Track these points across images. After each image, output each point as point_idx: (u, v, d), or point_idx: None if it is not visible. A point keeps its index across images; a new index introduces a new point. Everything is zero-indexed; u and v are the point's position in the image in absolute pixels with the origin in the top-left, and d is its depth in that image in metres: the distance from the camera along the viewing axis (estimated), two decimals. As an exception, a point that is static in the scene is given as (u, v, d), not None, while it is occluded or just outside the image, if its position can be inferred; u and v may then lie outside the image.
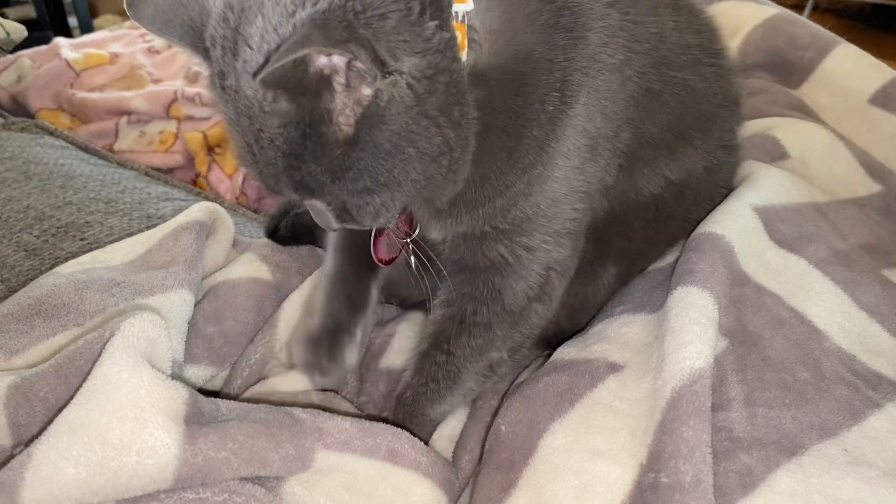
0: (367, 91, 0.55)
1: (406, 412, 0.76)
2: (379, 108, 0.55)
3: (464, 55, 0.60)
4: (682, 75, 0.75)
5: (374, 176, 0.58)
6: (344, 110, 0.55)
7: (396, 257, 0.82)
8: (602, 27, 0.67)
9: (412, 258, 0.78)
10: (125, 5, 0.61)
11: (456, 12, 0.59)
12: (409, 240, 0.78)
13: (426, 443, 0.73)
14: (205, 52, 0.59)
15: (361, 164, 0.57)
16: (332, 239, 0.87)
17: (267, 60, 0.53)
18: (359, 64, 0.52)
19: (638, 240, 0.82)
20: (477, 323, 0.74)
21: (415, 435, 0.71)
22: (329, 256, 0.87)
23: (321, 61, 0.52)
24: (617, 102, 0.69)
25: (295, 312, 0.86)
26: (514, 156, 0.66)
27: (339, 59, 0.53)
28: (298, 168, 0.57)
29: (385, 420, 0.71)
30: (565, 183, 0.68)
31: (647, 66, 0.71)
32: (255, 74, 0.54)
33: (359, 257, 0.85)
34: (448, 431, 0.77)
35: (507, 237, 0.70)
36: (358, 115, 0.56)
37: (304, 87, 0.53)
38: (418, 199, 0.64)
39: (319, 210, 0.64)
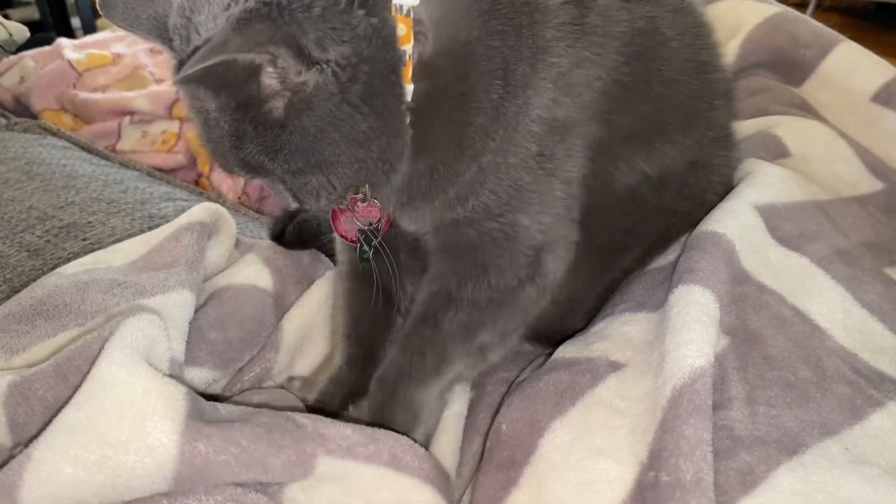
0: (296, 79, 0.57)
1: (386, 393, 0.73)
2: (306, 94, 0.58)
3: (408, 48, 0.62)
4: (658, 67, 0.75)
5: (304, 157, 0.61)
6: (274, 97, 0.58)
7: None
8: (557, 23, 0.67)
9: (364, 246, 0.79)
10: (97, 5, 0.64)
11: (400, 6, 0.61)
12: (368, 228, 0.78)
13: (408, 432, 0.70)
14: (170, 43, 0.62)
15: (292, 145, 0.60)
16: (342, 312, 0.87)
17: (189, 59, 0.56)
18: (281, 62, 0.55)
19: (617, 232, 0.81)
20: (463, 298, 0.73)
21: (394, 421, 0.70)
22: (341, 350, 0.86)
23: (246, 58, 0.54)
24: (581, 97, 0.69)
25: (297, 335, 0.86)
26: (461, 145, 0.67)
27: (260, 58, 0.55)
28: (241, 148, 0.61)
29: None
30: (525, 171, 0.68)
31: (618, 63, 0.70)
32: (175, 75, 0.56)
33: (373, 314, 0.84)
34: (458, 409, 0.76)
35: (477, 223, 0.70)
36: (287, 101, 0.58)
37: (226, 84, 0.56)
38: (359, 183, 0.66)
39: (277, 188, 0.67)
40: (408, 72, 0.63)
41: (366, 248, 0.79)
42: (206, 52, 0.52)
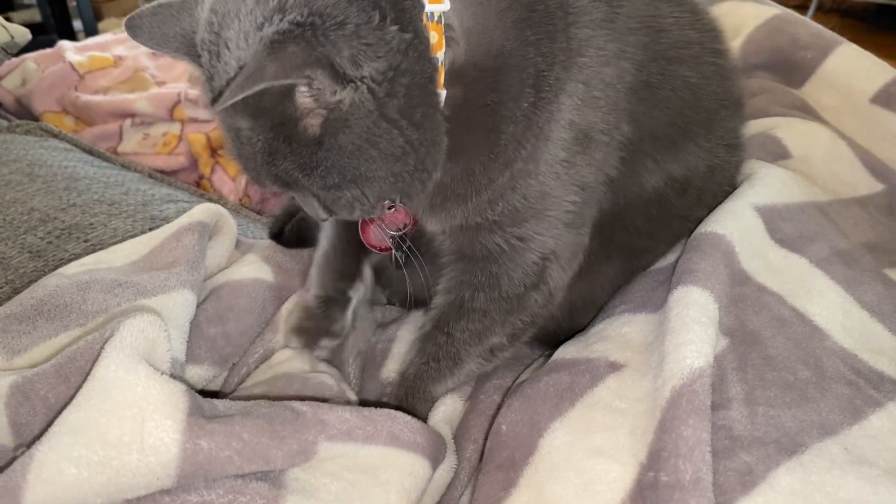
0: (331, 98, 0.57)
1: (409, 387, 0.79)
2: (342, 112, 0.58)
3: (441, 55, 0.62)
4: (683, 71, 0.75)
5: (341, 173, 0.61)
6: (309, 116, 0.58)
7: (389, 249, 0.84)
8: (589, 21, 0.67)
9: (398, 253, 0.80)
10: (124, 27, 0.65)
11: (431, 13, 0.61)
12: (398, 234, 0.79)
13: (426, 416, 0.77)
14: (198, 59, 0.62)
15: (328, 162, 0.60)
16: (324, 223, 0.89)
17: (229, 82, 0.56)
18: (317, 84, 0.56)
19: (640, 236, 0.82)
20: (475, 308, 0.76)
21: (416, 409, 0.76)
22: (322, 237, 0.90)
23: (282, 83, 0.55)
24: (612, 95, 0.69)
25: None
26: (494, 151, 0.67)
27: (296, 81, 0.55)
28: (274, 164, 0.61)
29: (385, 404, 0.73)
30: (552, 177, 0.69)
31: (646, 60, 0.71)
32: (212, 102, 0.57)
33: (349, 237, 0.87)
34: (442, 414, 0.78)
35: (501, 227, 0.72)
36: (323, 119, 0.58)
37: (263, 109, 0.57)
38: (394, 194, 0.66)
39: (308, 201, 0.67)
40: (440, 77, 0.63)
41: (398, 254, 0.80)
42: (243, 80, 0.52)
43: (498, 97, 0.65)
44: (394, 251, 0.80)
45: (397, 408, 0.71)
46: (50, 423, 0.54)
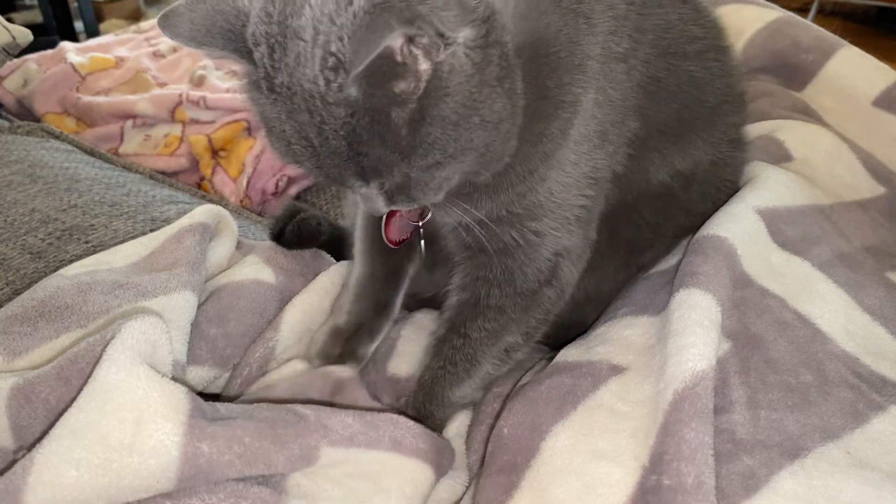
0: (425, 66, 0.55)
1: (426, 393, 0.78)
2: (441, 80, 0.56)
3: None
4: (687, 65, 0.77)
5: (443, 148, 0.58)
6: (409, 88, 0.55)
7: (407, 238, 0.84)
8: (610, 16, 0.69)
9: (423, 242, 0.81)
10: (158, 24, 0.59)
11: None
12: (420, 224, 0.80)
13: (444, 422, 0.78)
14: (248, 55, 0.58)
15: (430, 138, 0.57)
16: (360, 244, 0.89)
17: (334, 54, 0.53)
18: (424, 40, 0.53)
19: (646, 229, 0.83)
20: (490, 306, 0.76)
21: (434, 415, 0.76)
22: (358, 261, 0.89)
23: (396, 44, 0.52)
24: (623, 90, 0.70)
25: (299, 316, 0.86)
26: (541, 139, 0.67)
27: (401, 41, 0.53)
28: (366, 154, 0.57)
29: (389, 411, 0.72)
30: (575, 168, 0.70)
31: (653, 56, 0.72)
32: (346, 73, 0.53)
33: (387, 263, 0.88)
34: (456, 429, 0.78)
35: (519, 221, 0.72)
36: (420, 92, 0.56)
37: (380, 74, 0.54)
38: (480, 170, 0.64)
39: (369, 196, 0.64)
40: None
41: (420, 244, 0.81)
42: (372, 38, 0.49)
43: (547, 82, 0.66)
44: (419, 241, 0.82)
45: (413, 417, 0.71)
46: (51, 426, 0.54)
